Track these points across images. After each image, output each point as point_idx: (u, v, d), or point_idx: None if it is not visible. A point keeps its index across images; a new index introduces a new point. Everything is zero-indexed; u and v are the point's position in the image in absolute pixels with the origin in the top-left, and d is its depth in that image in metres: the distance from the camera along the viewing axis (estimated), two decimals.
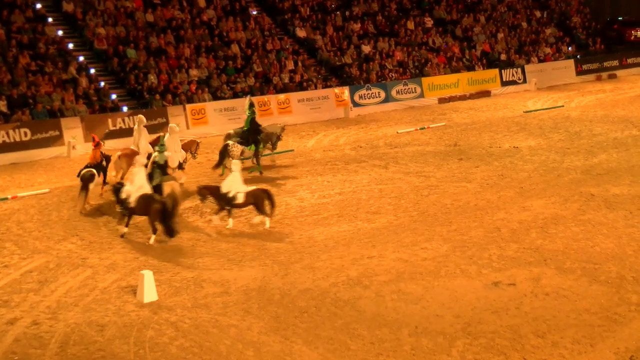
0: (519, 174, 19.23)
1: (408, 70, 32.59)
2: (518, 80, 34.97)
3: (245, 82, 28.24)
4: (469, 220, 15.52)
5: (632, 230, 14.52)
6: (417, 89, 31.57)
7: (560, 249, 13.69)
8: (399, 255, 13.57)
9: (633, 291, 11.66)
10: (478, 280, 12.32)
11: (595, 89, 34.46)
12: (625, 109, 28.60)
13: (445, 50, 35.00)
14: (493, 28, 38.24)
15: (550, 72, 36.24)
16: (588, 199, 16.74)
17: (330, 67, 31.44)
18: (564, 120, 26.73)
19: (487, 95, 33.19)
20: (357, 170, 20.15)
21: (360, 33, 33.94)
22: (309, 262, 13.39)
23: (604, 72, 38.19)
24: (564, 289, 11.83)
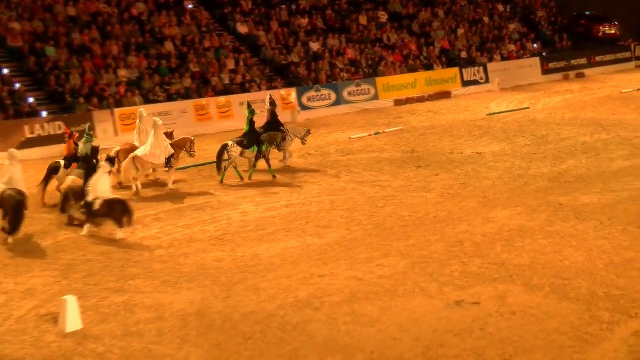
0: (483, 182, 19.51)
1: (361, 69, 32.84)
2: (480, 80, 35.57)
3: (181, 84, 28.06)
4: (428, 234, 15.64)
5: (603, 242, 14.85)
6: (371, 90, 31.83)
7: (527, 263, 13.90)
8: (352, 274, 13.56)
9: (605, 308, 11.91)
10: (439, 300, 12.40)
11: (563, 90, 35.27)
12: (595, 110, 29.34)
13: (401, 47, 35.40)
14: (453, 23, 38.87)
15: (515, 71, 36.97)
16: (556, 209, 17.07)
17: (276, 67, 31.48)
18: (529, 123, 27.27)
19: (447, 97, 33.67)
20: (306, 180, 20.18)
21: (308, 29, 34.09)
22: (253, 283, 13.30)
23: (572, 71, 39.14)
24: (531, 308, 12.01)
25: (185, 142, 20.08)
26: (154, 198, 18.95)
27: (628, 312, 11.73)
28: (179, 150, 19.90)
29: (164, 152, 19.20)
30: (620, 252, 14.24)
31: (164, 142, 19.32)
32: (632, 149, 22.51)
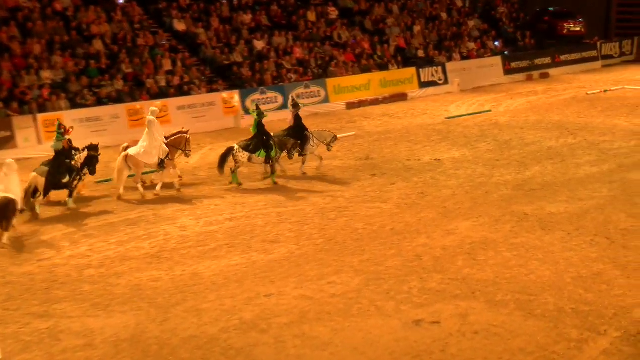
0: (442, 191, 19.70)
1: (310, 70, 32.91)
2: (439, 80, 35.93)
3: (112, 86, 27.77)
4: (384, 248, 15.74)
5: (571, 254, 15.13)
6: (321, 92, 31.92)
7: (491, 278, 14.08)
8: (302, 292, 13.58)
9: (572, 325, 12.12)
10: (396, 319, 12.48)
11: (526, 91, 35.85)
12: (560, 113, 29.89)
13: (353, 46, 35.59)
14: (408, 20, 39.24)
15: (475, 71, 37.43)
16: (521, 219, 17.33)
17: (217, 67, 31.36)
18: (491, 127, 27.66)
19: (404, 99, 33.93)
20: (251, 191, 20.14)
21: (252, 26, 34.06)
22: (193, 304, 13.21)
23: (536, 71, 39.80)
24: (495, 326, 12.16)
25: (180, 141, 20.41)
26: (82, 212, 18.69)
27: (597, 329, 11.97)
28: (175, 149, 20.24)
29: (158, 151, 19.66)
30: (588, 265, 14.53)
31: (159, 141, 19.75)
32: (600, 154, 22.99)
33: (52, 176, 18.45)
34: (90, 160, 19.28)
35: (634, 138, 24.95)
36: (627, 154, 22.95)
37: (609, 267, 14.41)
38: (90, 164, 19.27)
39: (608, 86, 36.11)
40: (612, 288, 13.46)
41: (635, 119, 28.21)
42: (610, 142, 24.48)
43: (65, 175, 18.70)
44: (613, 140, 24.81)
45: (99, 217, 18.25)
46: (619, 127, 26.89)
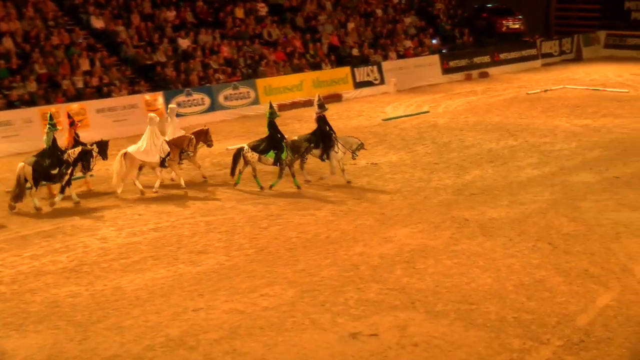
0: (379, 197, 19.86)
1: (238, 69, 32.86)
2: (374, 80, 36.21)
3: (24, 88, 27.29)
4: (319, 257, 15.80)
5: (512, 261, 15.40)
6: (251, 94, 31.89)
7: (431, 287, 14.25)
8: (233, 306, 13.55)
9: (515, 335, 12.35)
10: (332, 332, 12.53)
11: (465, 91, 36.39)
12: (500, 114, 30.42)
13: (284, 44, 35.65)
14: (342, 16, 39.47)
15: (412, 71, 37.82)
16: (461, 225, 17.58)
17: (138, 67, 31.07)
18: (430, 129, 27.99)
19: (338, 100, 34.09)
20: (177, 199, 20.02)
21: (176, 23, 33.85)
22: (115, 321, 13.07)
23: (475, 70, 40.43)
24: (435, 337, 12.30)
25: (183, 141, 20.75)
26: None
27: (539, 338, 12.21)
28: (176, 149, 20.58)
29: (159, 150, 20.18)
30: (530, 272, 14.82)
31: (160, 139, 20.33)
32: (541, 156, 23.47)
33: (39, 166, 18.94)
34: (84, 155, 19.86)
35: (574, 139, 25.54)
36: (568, 155, 23.48)
37: (551, 273, 14.72)
38: (85, 159, 19.90)
39: (548, 86, 36.90)
40: (554, 295, 13.76)
41: (576, 120, 28.90)
42: (551, 144, 25.01)
43: (54, 167, 19.14)
44: (554, 141, 25.36)
45: (10, 229, 17.91)
46: (560, 127, 27.49)
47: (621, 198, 19.21)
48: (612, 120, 28.69)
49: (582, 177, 21.07)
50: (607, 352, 11.77)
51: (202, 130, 21.93)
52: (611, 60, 45.25)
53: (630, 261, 15.23)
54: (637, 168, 21.76)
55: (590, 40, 47.04)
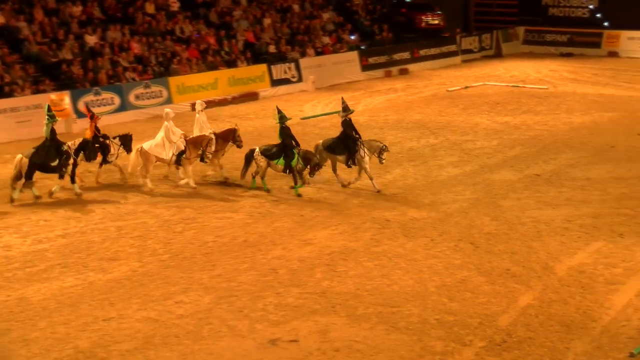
0: (298, 198, 19.91)
1: (150, 67, 32.53)
2: (292, 78, 36.25)
3: None
4: (237, 262, 15.79)
5: (434, 261, 15.63)
6: (163, 93, 31.60)
7: (352, 290, 14.36)
8: (146, 314, 13.44)
9: (437, 337, 12.53)
10: (251, 339, 12.53)
11: (385, 88, 36.72)
12: (421, 111, 30.80)
13: (197, 41, 35.41)
14: (257, 12, 39.41)
15: (331, 68, 37.97)
16: (382, 226, 17.76)
17: (43, 65, 30.50)
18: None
19: (254, 99, 34.05)
20: (86, 204, 19.73)
21: (83, 19, 33.32)
22: (20, 334, 12.83)
23: (394, 67, 40.83)
24: (357, 342, 12.40)
25: (202, 140, 20.74)
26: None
27: (462, 339, 12.43)
28: (194, 148, 20.67)
29: (173, 147, 20.44)
30: (452, 272, 15.07)
31: (175, 136, 20.59)
32: (462, 154, 23.87)
33: (37, 158, 19.46)
34: (85, 145, 20.29)
35: (495, 137, 26.05)
36: (489, 153, 23.93)
37: (473, 273, 15.00)
38: (86, 149, 20.29)
39: (469, 82, 37.54)
40: (476, 296, 14.02)
41: (496, 117, 29.47)
42: (472, 142, 25.45)
43: (54, 159, 19.65)
44: (475, 139, 25.81)
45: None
46: (480, 125, 27.99)
47: (542, 196, 19.67)
48: (532, 117, 29.36)
49: (503, 175, 21.50)
50: (529, 351, 12.05)
51: (230, 130, 21.70)
52: (530, 56, 46.29)
53: (551, 259, 15.63)
54: (556, 165, 22.33)
55: (509, 36, 48.00)
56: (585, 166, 22.30)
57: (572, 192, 19.96)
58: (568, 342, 12.34)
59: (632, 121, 28.22)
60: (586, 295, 13.98)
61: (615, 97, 32.86)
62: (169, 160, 20.80)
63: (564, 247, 16.28)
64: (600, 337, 12.49)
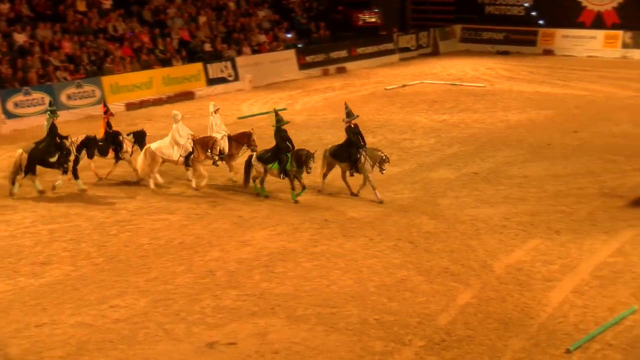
0: (235, 198, 19.88)
1: (82, 66, 32.15)
2: (228, 77, 36.12)
3: None
4: (173, 264, 15.70)
5: (374, 261, 15.72)
6: (96, 92, 31.23)
7: (291, 292, 14.37)
8: (80, 319, 13.29)
9: (377, 337, 12.61)
10: (188, 343, 12.47)
11: (323, 86, 36.82)
12: (359, 110, 30.67)
13: (131, 39, 35.09)
14: (192, 10, 39.20)
15: (268, 66, 37.94)
16: (321, 226, 17.81)
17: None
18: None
19: (190, 98, 33.86)
20: (16, 206, 19.44)
21: (11, 17, 32.79)
22: None
23: (332, 65, 40.95)
24: (296, 343, 12.42)
25: (208, 141, 20.60)
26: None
27: (401, 339, 12.53)
28: (202, 149, 20.57)
29: (181, 148, 20.44)
30: (391, 272, 15.18)
31: (183, 138, 20.48)
32: (400, 152, 24.04)
33: (35, 153, 19.80)
34: (88, 142, 20.45)
35: (433, 135, 26.31)
36: (427, 152, 24.16)
37: (412, 272, 15.13)
38: (89, 146, 20.45)
39: (406, 81, 37.83)
40: (416, 295, 14.14)
41: (434, 115, 29.76)
42: (410, 140, 25.66)
43: (53, 154, 19.92)
44: (413, 137, 26.03)
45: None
46: (418, 123, 28.25)
47: (480, 194, 19.93)
48: (470, 115, 29.71)
49: (442, 173, 21.73)
50: (468, 350, 12.19)
51: (245, 133, 21.33)
52: (467, 54, 46.87)
53: (489, 257, 15.84)
54: (494, 163, 22.64)
55: (446, 34, 48.52)
56: (522, 164, 22.65)
57: (510, 190, 20.26)
58: (506, 339, 12.52)
59: (567, 119, 28.75)
60: (524, 293, 14.19)
61: (551, 95, 33.45)
62: (177, 161, 20.70)
63: (502, 245, 16.51)
64: (537, 334, 12.69)
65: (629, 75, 37.51)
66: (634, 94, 32.85)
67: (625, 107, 30.51)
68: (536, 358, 11.95)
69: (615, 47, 44.41)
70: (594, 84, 36.10)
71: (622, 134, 25.96)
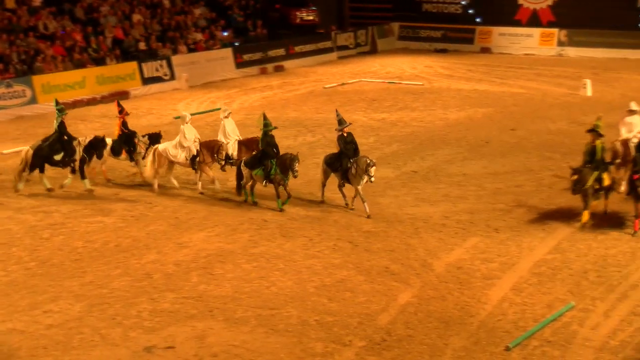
0: (173, 200, 19.77)
1: (12, 65, 31.67)
2: (164, 76, 35.88)
3: None
4: (109, 268, 15.56)
5: (313, 262, 15.75)
6: (27, 92, 30.80)
7: (230, 294, 14.33)
8: (11, 326, 13.12)
9: (317, 338, 12.63)
10: (125, 347, 12.37)
11: (261, 85, 36.78)
12: (297, 109, 30.97)
13: (62, 37, 34.65)
14: (126, 8, 38.81)
15: (205, 65, 37.77)
16: (260, 227, 17.79)
17: None
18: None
19: (125, 97, 33.45)
20: None
21: None
22: None
23: (270, 64, 40.94)
24: (235, 346, 12.38)
25: (214, 145, 20.43)
26: None
27: (342, 340, 12.58)
28: (208, 152, 20.28)
29: (185, 150, 20.21)
30: (331, 272, 15.22)
31: (188, 140, 20.22)
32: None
33: (41, 151, 19.87)
34: (97, 143, 20.48)
35: (372, 134, 26.44)
36: (366, 151, 24.12)
37: (352, 272, 15.18)
38: (97, 147, 20.48)
39: (345, 79, 37.97)
40: (356, 295, 14.19)
41: (373, 114, 29.91)
42: None
43: (58, 153, 19.96)
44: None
45: None
46: (357, 122, 28.26)
47: (419, 193, 20.08)
48: (409, 113, 29.93)
49: (381, 172, 21.76)
50: (408, 349, 12.28)
51: (255, 139, 20.55)
52: (405, 52, 47.17)
53: (429, 256, 15.97)
54: (433, 162, 22.84)
55: (384, 32, 48.79)
56: (462, 162, 22.89)
57: (449, 188, 20.45)
58: (447, 338, 12.64)
59: (505, 116, 29.13)
60: (464, 291, 14.34)
61: (489, 93, 33.85)
62: (184, 163, 20.50)
63: (442, 244, 16.66)
64: (477, 332, 12.84)
65: (564, 73, 38.15)
66: (570, 92, 33.39)
67: (561, 105, 31.01)
68: (476, 356, 12.08)
69: (551, 45, 45.12)
70: (531, 81, 36.63)
71: (559, 131, 26.38)
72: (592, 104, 30.77)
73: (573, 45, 44.37)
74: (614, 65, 40.21)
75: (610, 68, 39.27)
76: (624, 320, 13.13)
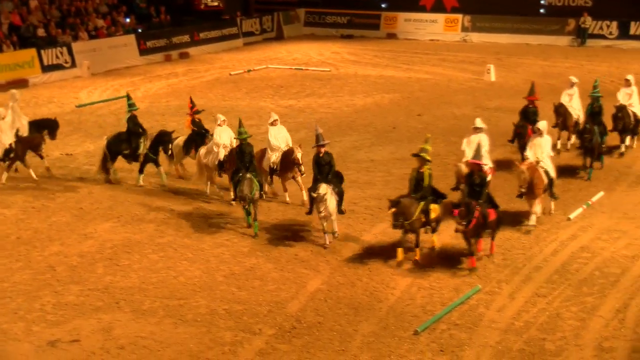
0: (76, 190, 19.55)
1: None
2: (65, 63, 35.23)
3: None
4: (10, 261, 15.31)
5: (222, 250, 15.73)
6: None
7: (137, 285, 14.22)
8: None
9: (226, 327, 12.63)
10: (28, 342, 12.20)
11: (166, 73, 36.42)
12: (204, 96, 30.73)
13: None
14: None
15: (107, 52, 37.22)
16: (167, 216, 17.69)
17: None
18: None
19: (24, 86, 32.75)
20: None
21: None
22: None
23: (174, 51, 40.56)
24: (143, 338, 12.30)
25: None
26: None
27: (251, 328, 12.61)
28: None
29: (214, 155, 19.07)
30: (240, 260, 15.24)
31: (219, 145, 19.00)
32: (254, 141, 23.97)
33: (111, 143, 20.12)
34: (162, 138, 20.08)
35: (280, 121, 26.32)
36: None
37: (261, 260, 15.23)
38: (163, 143, 20.05)
39: (251, 66, 37.86)
40: (265, 283, 14.23)
41: (280, 100, 29.94)
42: (257, 127, 25.60)
43: (127, 147, 20.09)
44: (260, 124, 26.00)
45: None
46: (265, 109, 28.28)
47: None
48: (316, 99, 30.05)
49: None
50: (318, 336, 12.38)
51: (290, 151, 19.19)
52: (312, 38, 47.30)
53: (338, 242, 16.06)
54: (341, 148, 22.96)
55: (290, 18, 48.77)
56: (369, 148, 23.10)
57: (357, 174, 20.61)
58: (356, 324, 12.77)
59: (412, 102, 29.48)
60: (373, 277, 14.50)
61: (395, 79, 34.20)
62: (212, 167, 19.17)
63: (351, 230, 16.78)
64: (386, 317, 13.01)
65: (468, 59, 38.74)
66: (474, 77, 33.96)
67: (465, 90, 31.52)
68: (385, 341, 12.24)
69: (456, 30, 45.75)
70: (436, 67, 37.14)
71: (464, 117, 26.78)
72: (496, 89, 31.42)
73: (477, 31, 45.06)
74: (516, 50, 41.06)
75: (513, 53, 40.09)
76: (528, 302, 13.48)
